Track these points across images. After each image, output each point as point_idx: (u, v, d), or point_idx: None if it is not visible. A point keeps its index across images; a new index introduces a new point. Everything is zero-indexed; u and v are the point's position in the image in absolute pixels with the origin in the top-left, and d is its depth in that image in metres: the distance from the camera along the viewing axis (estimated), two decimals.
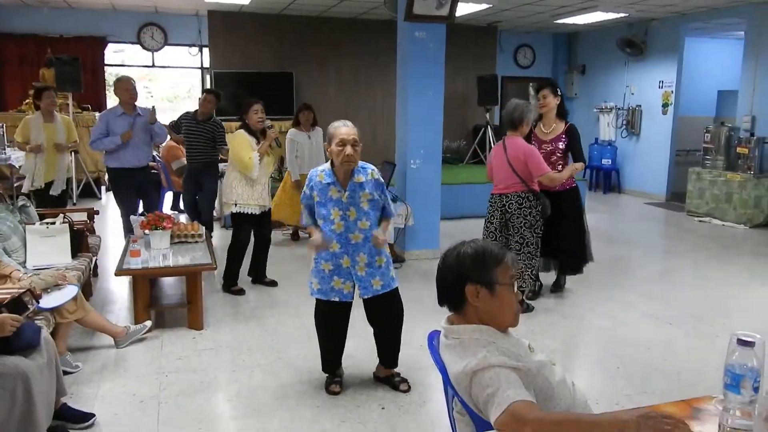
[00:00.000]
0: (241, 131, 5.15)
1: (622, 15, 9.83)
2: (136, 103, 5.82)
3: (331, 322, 3.51)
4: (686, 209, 9.40)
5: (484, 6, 9.05)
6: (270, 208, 5.43)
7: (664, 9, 9.46)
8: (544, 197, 4.76)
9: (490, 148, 11.16)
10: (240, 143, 5.11)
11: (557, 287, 5.40)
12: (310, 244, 3.43)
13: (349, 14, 10.31)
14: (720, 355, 4.07)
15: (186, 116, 6.80)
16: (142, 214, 5.50)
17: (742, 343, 1.46)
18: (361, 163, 3.38)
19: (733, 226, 8.55)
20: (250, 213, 5.16)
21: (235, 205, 5.15)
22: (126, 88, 5.75)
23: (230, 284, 5.27)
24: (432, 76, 6.20)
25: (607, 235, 8.14)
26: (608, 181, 11.59)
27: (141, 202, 6.19)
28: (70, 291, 3.52)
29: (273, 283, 5.51)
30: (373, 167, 3.45)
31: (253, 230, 5.40)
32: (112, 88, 5.98)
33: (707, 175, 9.06)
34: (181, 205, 8.94)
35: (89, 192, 9.55)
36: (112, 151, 5.71)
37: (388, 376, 3.64)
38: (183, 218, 7.75)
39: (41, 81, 9.17)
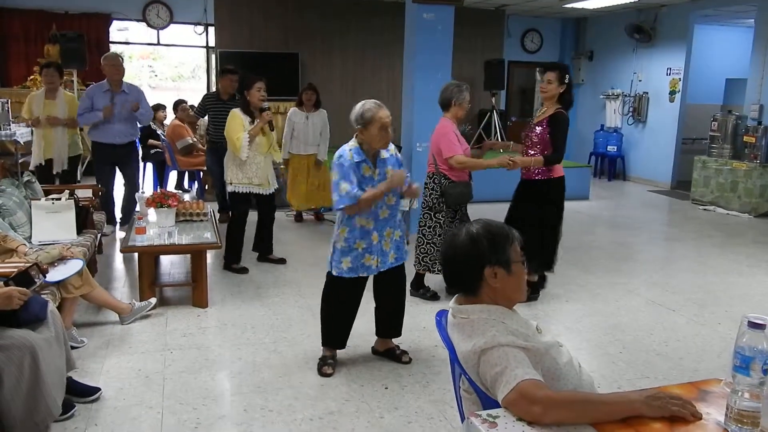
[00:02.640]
0: (236, 111, 5.13)
1: (632, 0, 9.73)
2: (129, 81, 5.91)
3: (349, 298, 3.55)
4: (691, 197, 9.38)
5: None
6: (272, 192, 5.40)
7: None
8: (461, 185, 4.52)
9: (496, 132, 11.13)
10: (231, 123, 5.08)
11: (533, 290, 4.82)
12: (391, 181, 3.35)
13: None
14: (722, 341, 4.09)
15: (210, 96, 6.84)
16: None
17: (753, 325, 1.46)
18: None
19: (737, 215, 8.54)
20: (243, 192, 5.16)
21: (230, 184, 5.18)
22: (112, 64, 5.85)
23: (230, 262, 5.30)
24: (440, 58, 6.17)
25: (611, 222, 8.16)
26: (613, 168, 11.55)
27: (122, 175, 6.27)
28: (76, 265, 3.53)
29: (281, 261, 5.56)
30: (392, 144, 3.51)
31: (258, 209, 5.42)
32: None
33: (713, 164, 9.02)
34: (186, 184, 8.96)
35: (92, 170, 9.52)
36: (96, 125, 5.88)
37: (388, 349, 3.70)
38: (187, 197, 7.76)
39: (46, 57, 9.11)
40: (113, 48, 10.77)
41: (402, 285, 3.69)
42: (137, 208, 5.06)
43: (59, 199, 4.47)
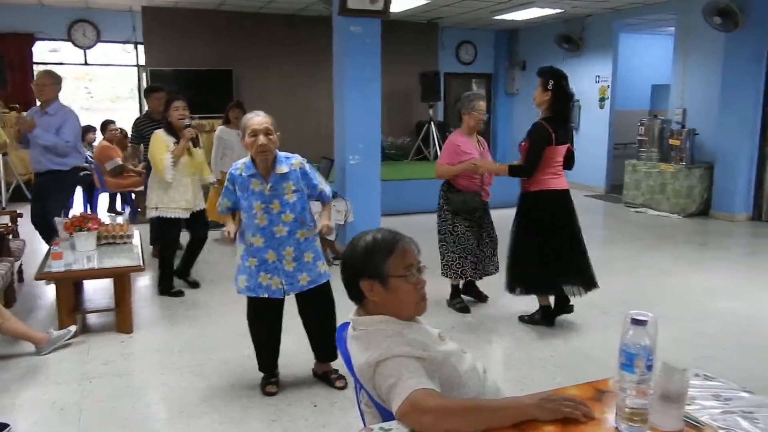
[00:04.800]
0: (159, 131, 5.01)
1: (559, 11, 10.03)
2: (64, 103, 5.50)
3: (263, 320, 3.44)
4: (623, 200, 9.66)
5: (422, 1, 9.08)
6: (203, 209, 5.29)
7: (598, 5, 9.69)
8: (465, 194, 4.56)
9: (434, 144, 11.24)
10: (153, 145, 4.95)
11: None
12: (226, 234, 3.38)
13: (287, 10, 10.20)
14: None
15: (140, 120, 6.41)
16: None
17: (635, 322, 1.48)
18: (284, 153, 3.34)
19: (667, 215, 8.83)
20: (170, 217, 5.01)
21: (156, 209, 5.01)
22: (35, 83, 5.36)
23: (165, 287, 5.14)
24: (369, 70, 6.17)
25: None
26: None
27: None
28: None
29: (194, 285, 5.36)
30: (299, 157, 3.38)
31: (189, 229, 5.30)
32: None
33: (642, 167, 9.32)
34: (118, 207, 8.70)
35: (21, 196, 9.14)
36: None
37: (325, 372, 3.59)
38: (120, 219, 7.53)
39: None
40: (38, 69, 10.43)
41: (328, 307, 3.46)
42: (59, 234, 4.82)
43: None
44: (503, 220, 4.95)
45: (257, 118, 3.21)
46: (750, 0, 7.93)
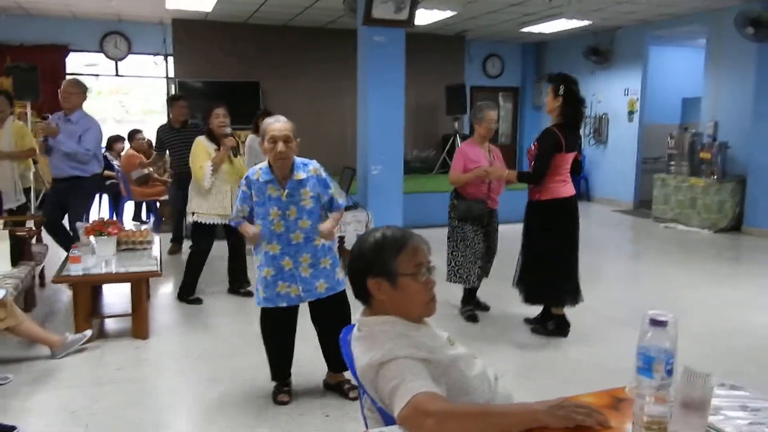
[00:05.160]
0: (201, 138, 5.04)
1: (587, 23, 9.89)
2: (85, 111, 5.55)
3: (278, 329, 3.37)
4: (652, 215, 9.43)
5: (448, 13, 9.05)
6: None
7: (628, 17, 9.54)
8: (470, 202, 4.55)
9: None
10: (195, 151, 5.00)
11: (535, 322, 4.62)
12: (250, 237, 3.29)
13: (314, 23, 10.25)
14: (677, 353, 4.02)
15: (162, 128, 6.56)
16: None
17: (654, 322, 1.37)
18: (302, 159, 3.29)
19: (697, 230, 8.58)
20: (208, 223, 5.01)
21: (193, 214, 5.03)
22: (61, 91, 5.41)
23: (185, 294, 5.12)
24: (392, 80, 6.14)
25: None
26: (577, 189, 11.53)
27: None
28: None
29: (249, 294, 5.26)
30: (316, 163, 3.33)
31: (227, 240, 5.28)
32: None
33: (672, 181, 9.09)
34: (144, 216, 8.77)
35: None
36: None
37: (338, 382, 3.50)
38: (144, 228, 7.57)
39: None
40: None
41: (343, 315, 3.34)
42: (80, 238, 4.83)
43: None
44: (510, 233, 4.90)
45: (277, 125, 3.16)
46: None
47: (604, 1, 8.34)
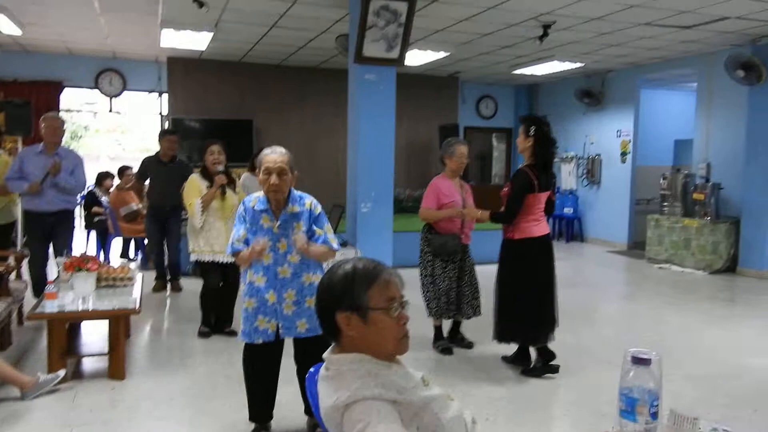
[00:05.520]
0: (194, 175, 5.06)
1: (579, 65, 9.97)
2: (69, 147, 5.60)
3: (258, 367, 3.23)
4: (647, 256, 9.34)
5: (441, 54, 9.11)
6: None
7: (619, 60, 9.63)
8: (445, 237, 4.61)
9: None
10: (187, 188, 5.01)
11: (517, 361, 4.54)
12: (247, 257, 3.12)
13: (308, 62, 10.31)
14: (672, 397, 3.88)
15: (149, 159, 6.60)
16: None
17: (637, 360, 1.26)
18: (299, 193, 3.22)
19: (692, 272, 8.48)
20: (207, 260, 4.98)
21: (192, 252, 5.03)
22: (49, 125, 5.37)
23: (204, 330, 5.12)
24: (383, 118, 6.12)
25: (568, 282, 8.01)
26: (571, 229, 11.55)
27: (52, 246, 5.61)
28: None
29: (232, 333, 5.12)
30: (313, 199, 3.24)
31: (223, 277, 5.18)
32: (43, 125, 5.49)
33: (665, 222, 9.04)
34: (131, 253, 8.63)
35: None
36: (24, 192, 5.37)
37: (314, 425, 3.34)
38: (132, 266, 7.44)
39: None
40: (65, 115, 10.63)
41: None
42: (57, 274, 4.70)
43: None
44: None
45: (272, 156, 3.09)
46: None
47: (594, 44, 8.42)
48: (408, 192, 11.04)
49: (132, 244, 8.60)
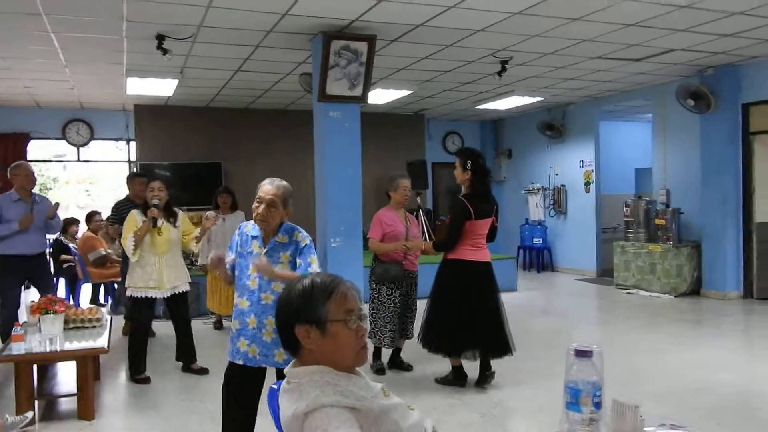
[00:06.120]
0: (134, 211, 5.08)
1: (539, 99, 10.32)
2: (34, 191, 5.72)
3: (236, 388, 3.25)
4: (615, 282, 9.53)
5: (405, 92, 9.37)
6: (182, 292, 5.17)
7: (577, 93, 10.00)
8: (387, 264, 4.89)
9: (424, 231, 11.23)
10: (125, 223, 5.03)
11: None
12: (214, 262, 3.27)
13: (275, 105, 10.49)
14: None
15: (122, 203, 6.50)
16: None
17: (580, 354, 1.36)
18: (292, 225, 3.28)
19: (659, 296, 8.67)
20: (139, 297, 4.95)
21: (128, 288, 5.02)
22: (25, 174, 5.62)
23: (133, 373, 4.95)
24: (349, 153, 6.27)
25: (540, 310, 8.17)
26: (541, 259, 11.73)
27: (36, 289, 5.80)
28: None
29: (203, 371, 5.16)
30: (305, 234, 3.29)
31: (170, 315, 5.22)
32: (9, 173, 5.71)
33: (630, 248, 9.27)
34: (101, 298, 8.54)
35: None
36: (4, 237, 5.44)
37: None
38: (104, 311, 7.37)
39: None
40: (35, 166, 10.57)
41: None
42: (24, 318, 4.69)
43: None
44: None
45: (266, 186, 3.18)
46: (720, 81, 8.17)
47: (552, 78, 8.75)
48: None
49: (102, 289, 8.51)
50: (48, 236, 6.73)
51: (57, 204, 5.74)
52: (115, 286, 8.01)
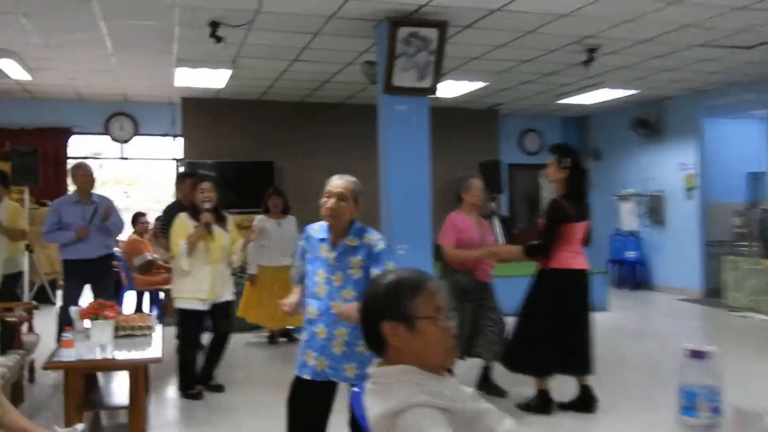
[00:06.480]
0: (182, 214, 5.29)
1: (632, 92, 10.18)
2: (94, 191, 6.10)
3: (301, 404, 3.36)
4: (725, 304, 9.25)
5: (479, 84, 9.43)
6: (228, 301, 5.40)
7: (676, 85, 9.81)
8: (457, 274, 4.89)
9: (497, 240, 11.21)
10: (174, 228, 5.24)
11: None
12: (284, 306, 3.52)
13: (333, 98, 10.74)
14: None
15: (172, 208, 6.63)
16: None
17: (695, 354, 1.42)
18: (362, 226, 3.42)
19: None
20: (189, 309, 5.17)
21: (175, 298, 5.26)
22: (83, 173, 6.01)
23: (184, 386, 5.19)
24: (417, 151, 6.35)
25: (635, 333, 8.03)
26: (634, 275, 11.50)
27: (93, 293, 6.04)
28: None
29: (218, 388, 5.36)
30: (377, 235, 3.41)
31: (212, 325, 5.41)
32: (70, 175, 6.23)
33: (744, 264, 8.99)
34: (146, 308, 8.88)
35: (43, 297, 9.47)
36: (69, 241, 5.86)
37: None
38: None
39: None
40: (71, 163, 11.13)
41: None
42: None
43: None
44: None
45: (337, 180, 3.37)
46: None
47: (647, 69, 8.63)
48: None
49: (146, 297, 8.81)
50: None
51: (109, 204, 6.05)
52: (161, 294, 8.34)
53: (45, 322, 6.13)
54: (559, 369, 4.62)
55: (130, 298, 8.65)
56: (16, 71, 8.25)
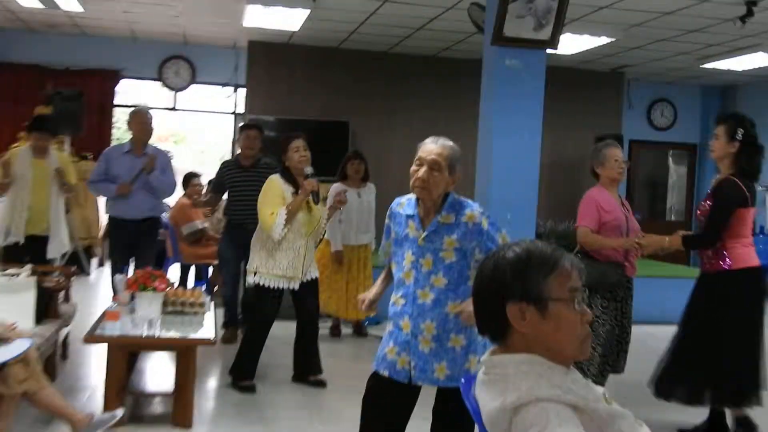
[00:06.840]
0: (276, 177, 5.24)
1: None
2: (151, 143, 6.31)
3: (377, 404, 3.32)
4: None
5: (604, 40, 9.14)
6: (316, 277, 5.42)
7: None
8: (604, 265, 4.61)
9: None
10: (266, 192, 5.17)
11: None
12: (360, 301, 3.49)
13: (425, 49, 10.61)
14: None
15: (227, 165, 6.80)
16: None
17: None
18: (462, 199, 3.30)
19: None
20: (272, 287, 5.15)
21: (255, 273, 5.19)
22: (141, 121, 6.20)
23: (238, 376, 5.22)
24: (527, 115, 6.16)
25: None
26: None
27: (135, 260, 6.23)
28: (19, 346, 3.55)
29: (320, 383, 5.38)
30: (478, 208, 3.29)
31: (295, 309, 5.41)
32: (125, 126, 6.34)
33: None
34: (190, 283, 9.02)
35: (76, 264, 9.75)
36: (112, 196, 6.09)
37: None
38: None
39: None
40: (118, 111, 11.42)
41: (463, 423, 3.14)
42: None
43: (18, 275, 4.60)
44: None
45: (430, 146, 3.23)
46: None
47: None
48: (550, 224, 10.98)
49: (193, 272, 8.94)
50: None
51: (161, 158, 6.19)
52: (210, 270, 8.44)
53: (78, 294, 6.31)
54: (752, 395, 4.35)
55: (173, 272, 8.75)
56: (67, 0, 8.43)
